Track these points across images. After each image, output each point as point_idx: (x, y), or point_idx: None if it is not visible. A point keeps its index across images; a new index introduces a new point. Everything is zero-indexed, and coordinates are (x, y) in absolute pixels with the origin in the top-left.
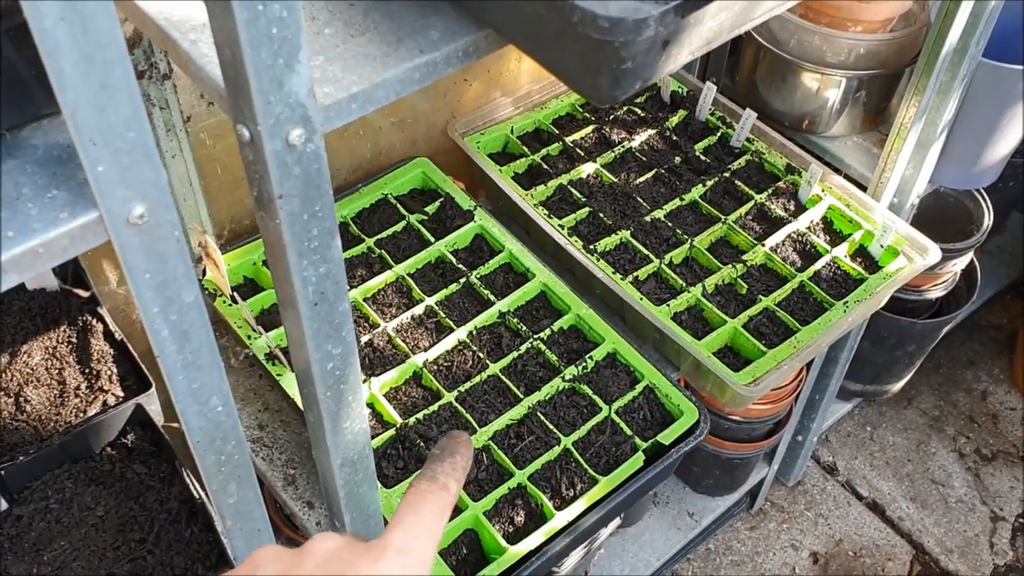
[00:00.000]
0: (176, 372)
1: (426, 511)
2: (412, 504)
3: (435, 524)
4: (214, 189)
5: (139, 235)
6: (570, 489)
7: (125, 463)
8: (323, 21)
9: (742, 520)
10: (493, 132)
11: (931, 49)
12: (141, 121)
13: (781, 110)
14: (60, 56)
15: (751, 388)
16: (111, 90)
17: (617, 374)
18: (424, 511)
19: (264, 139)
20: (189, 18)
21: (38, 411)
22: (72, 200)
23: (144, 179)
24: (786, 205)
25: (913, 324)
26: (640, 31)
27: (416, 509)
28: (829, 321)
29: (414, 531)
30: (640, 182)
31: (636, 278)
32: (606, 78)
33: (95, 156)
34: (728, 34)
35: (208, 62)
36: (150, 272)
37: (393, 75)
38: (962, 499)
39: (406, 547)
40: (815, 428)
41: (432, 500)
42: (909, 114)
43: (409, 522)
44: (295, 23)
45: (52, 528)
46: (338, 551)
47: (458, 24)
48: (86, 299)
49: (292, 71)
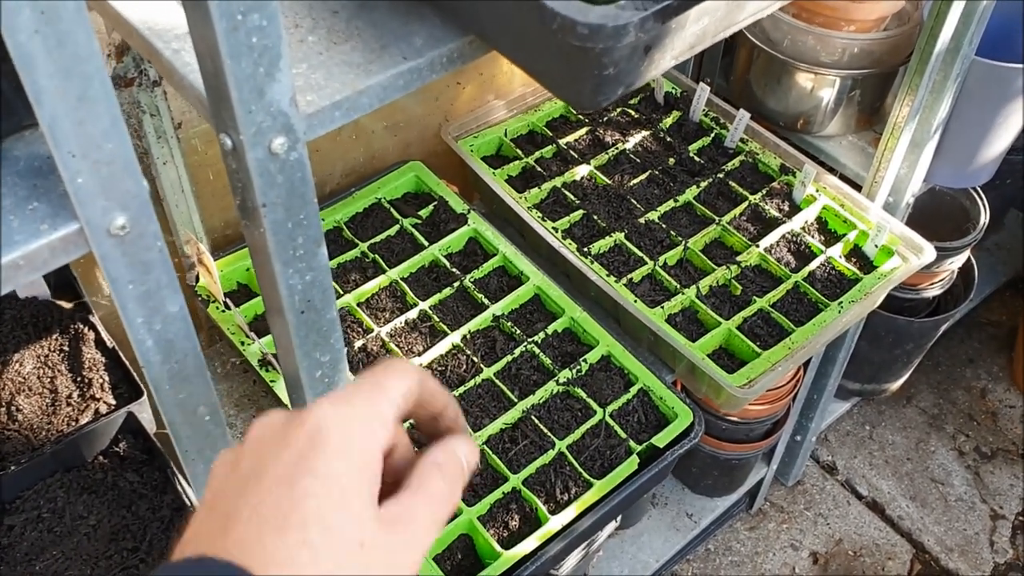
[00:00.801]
0: (162, 382)
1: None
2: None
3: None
4: (206, 195)
5: (121, 246)
6: (564, 493)
7: (117, 471)
8: (306, 28)
9: (741, 520)
10: (487, 135)
11: (924, 48)
12: (120, 132)
13: (775, 110)
14: (36, 70)
15: (745, 390)
16: (89, 103)
17: (611, 377)
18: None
19: (246, 148)
20: (172, 27)
21: (30, 420)
22: (53, 212)
23: (124, 190)
24: (780, 206)
25: (911, 323)
26: (620, 37)
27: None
28: (824, 322)
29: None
30: (634, 184)
31: (630, 280)
32: (588, 84)
33: (74, 168)
34: (713, 38)
35: (191, 71)
36: (133, 283)
37: (376, 82)
38: (962, 497)
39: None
40: (814, 428)
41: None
42: (903, 113)
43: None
44: (275, 32)
45: (44, 537)
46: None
47: (442, 30)
48: (70, 309)
49: (273, 80)
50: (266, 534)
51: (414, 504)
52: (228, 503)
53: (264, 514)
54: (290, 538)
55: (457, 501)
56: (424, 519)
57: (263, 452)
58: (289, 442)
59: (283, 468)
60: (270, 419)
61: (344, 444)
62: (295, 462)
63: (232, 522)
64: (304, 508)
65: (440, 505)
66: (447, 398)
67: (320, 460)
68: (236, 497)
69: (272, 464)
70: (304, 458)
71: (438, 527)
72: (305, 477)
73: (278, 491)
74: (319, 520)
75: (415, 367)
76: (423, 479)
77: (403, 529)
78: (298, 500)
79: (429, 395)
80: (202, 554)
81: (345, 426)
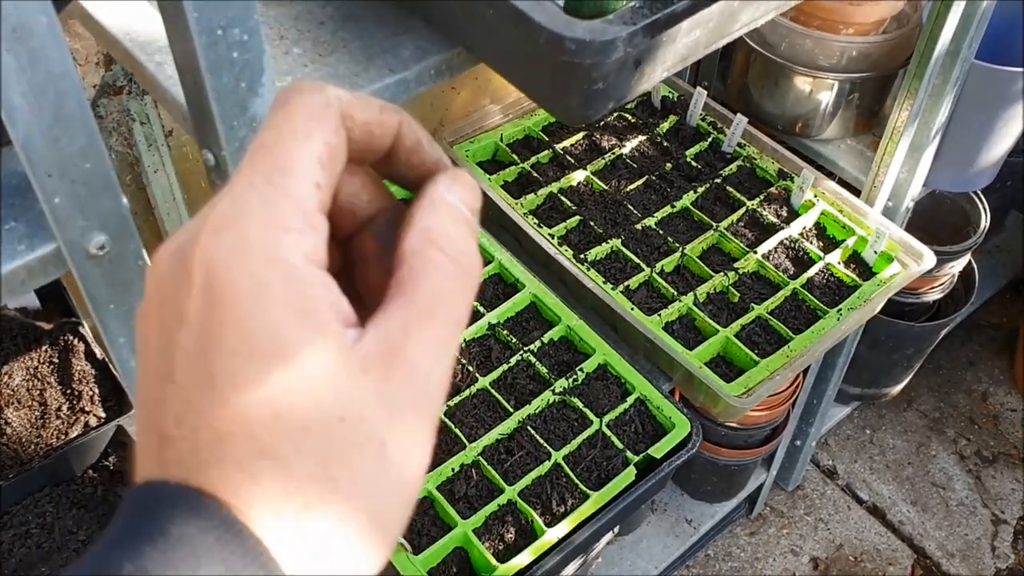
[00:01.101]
0: None
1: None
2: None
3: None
4: (198, 202)
5: (100, 266)
6: (561, 505)
7: (107, 486)
8: (291, 40)
9: (741, 526)
10: (482, 140)
11: (923, 52)
12: (98, 150)
13: (773, 114)
14: (8, 89)
15: (743, 399)
16: (64, 121)
17: (608, 386)
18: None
19: (229, 165)
20: (155, 39)
21: (19, 433)
22: (30, 232)
23: (103, 209)
24: (778, 211)
25: (911, 327)
26: (608, 53)
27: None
28: (823, 329)
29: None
30: (631, 189)
31: (627, 287)
32: (576, 99)
33: (51, 188)
34: (704, 49)
35: (174, 84)
36: (114, 303)
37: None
38: (963, 502)
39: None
40: (814, 432)
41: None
42: (902, 117)
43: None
44: (257, 46)
45: (33, 554)
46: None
47: (429, 42)
48: (60, 320)
49: (256, 95)
50: (202, 448)
51: (406, 318)
52: (153, 410)
53: (193, 423)
54: (238, 453)
55: (477, 276)
56: (429, 333)
57: (165, 328)
58: (185, 313)
59: (189, 354)
60: (159, 270)
61: (253, 287)
62: (201, 343)
63: (165, 437)
64: (238, 401)
65: (450, 299)
66: (396, 119)
67: (230, 328)
68: (158, 402)
69: (178, 351)
70: (211, 331)
71: (454, 336)
72: (222, 360)
73: (196, 389)
74: (264, 405)
75: (327, 95)
76: (411, 268)
77: (400, 364)
78: (226, 394)
79: (365, 130)
80: (147, 479)
81: (244, 259)
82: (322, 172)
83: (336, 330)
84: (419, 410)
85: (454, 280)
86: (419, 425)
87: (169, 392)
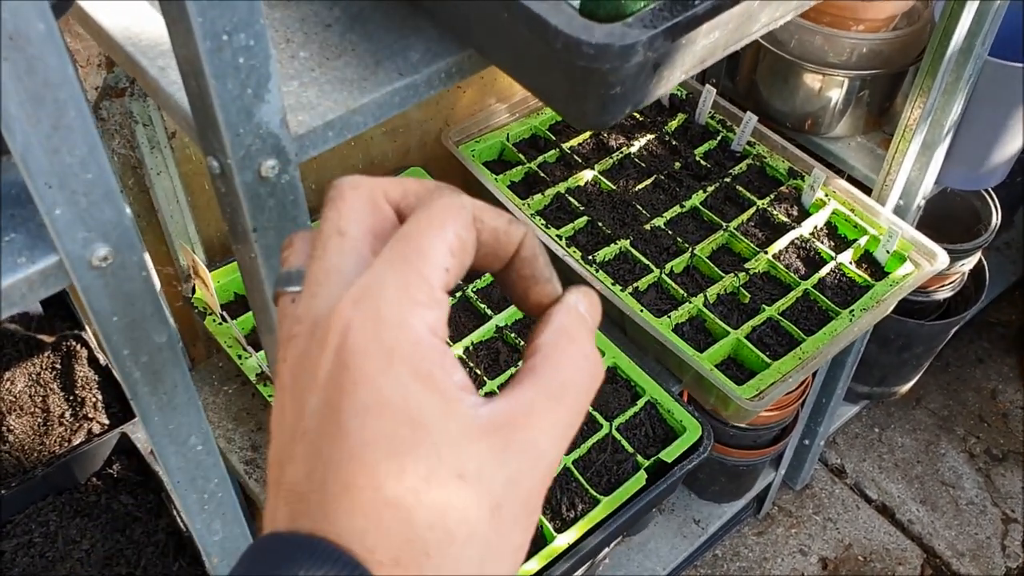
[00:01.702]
0: (151, 414)
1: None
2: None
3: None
4: (202, 204)
5: (103, 278)
6: (571, 510)
7: (111, 494)
8: (298, 44)
9: (749, 525)
10: (488, 139)
11: (936, 49)
12: (100, 160)
13: (782, 111)
14: (5, 98)
15: (755, 402)
16: (64, 131)
17: (618, 389)
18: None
19: (235, 172)
20: (158, 43)
21: (21, 441)
22: (31, 243)
23: (105, 220)
24: (789, 210)
25: (921, 326)
26: (628, 57)
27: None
28: (835, 331)
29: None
30: (639, 189)
31: (636, 289)
32: (593, 104)
33: (51, 199)
34: (723, 51)
35: (177, 89)
36: (117, 315)
37: (371, 100)
38: (973, 501)
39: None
40: (822, 432)
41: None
42: (914, 115)
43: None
44: (263, 52)
45: (36, 563)
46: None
47: (439, 45)
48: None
49: (262, 101)
50: (330, 500)
51: (534, 397)
52: (288, 470)
53: (323, 477)
54: (363, 501)
55: (599, 378)
56: (553, 416)
57: (298, 393)
58: (317, 377)
59: (321, 412)
60: (294, 347)
61: (384, 353)
62: (334, 402)
63: (295, 494)
64: (365, 455)
65: (577, 389)
66: (522, 231)
67: (361, 389)
68: (287, 461)
69: (309, 410)
70: (343, 392)
71: (573, 426)
72: (352, 419)
73: (327, 444)
74: (391, 458)
75: (463, 200)
76: (546, 356)
77: (520, 436)
78: (354, 448)
79: (492, 235)
80: (274, 531)
81: (378, 327)
82: (452, 259)
83: (458, 398)
84: (533, 478)
85: (584, 374)
86: (532, 492)
87: (299, 450)
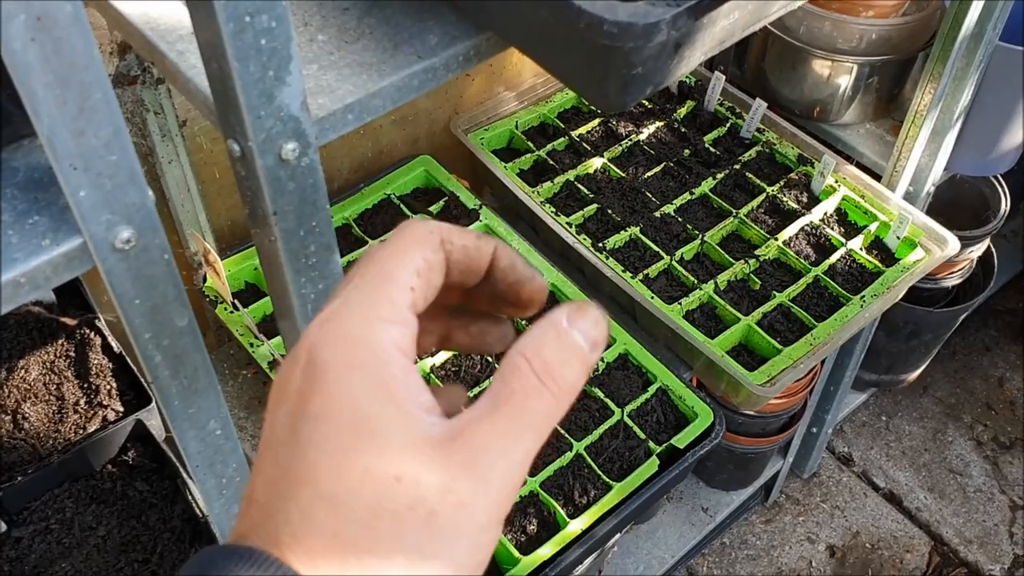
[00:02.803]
0: (172, 398)
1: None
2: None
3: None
4: (213, 193)
5: (126, 261)
6: (583, 496)
7: (126, 480)
8: (316, 27)
9: (757, 513)
10: (497, 127)
11: (947, 35)
12: (124, 142)
13: (791, 98)
14: (32, 80)
15: (766, 388)
16: (89, 113)
17: (629, 376)
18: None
19: (255, 155)
20: (176, 27)
21: (36, 428)
22: (55, 226)
23: (129, 202)
24: (799, 197)
25: (929, 313)
26: (651, 36)
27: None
28: (846, 317)
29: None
30: (649, 176)
31: (646, 276)
32: (614, 84)
33: (76, 182)
34: (741, 32)
35: (197, 73)
36: (140, 298)
37: (390, 83)
38: (980, 488)
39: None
40: (830, 420)
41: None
42: (924, 101)
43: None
44: (285, 34)
45: (53, 550)
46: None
47: (457, 28)
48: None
49: (283, 84)
50: (273, 501)
51: (481, 415)
52: (256, 481)
53: (275, 481)
54: (301, 498)
55: (567, 402)
56: (497, 427)
57: (272, 409)
58: (288, 392)
59: (283, 423)
60: (279, 369)
61: (343, 365)
62: (294, 411)
63: (250, 501)
64: (308, 454)
65: (531, 417)
66: (493, 243)
67: (317, 397)
68: (257, 472)
69: (277, 423)
70: (303, 401)
71: (524, 439)
72: (305, 424)
73: (285, 450)
74: (331, 457)
75: (430, 224)
76: (504, 379)
77: (462, 448)
78: (304, 450)
79: (463, 252)
80: (229, 544)
81: (340, 342)
82: (418, 280)
83: (411, 410)
84: (476, 494)
85: (538, 400)
86: (474, 508)
87: (267, 459)
